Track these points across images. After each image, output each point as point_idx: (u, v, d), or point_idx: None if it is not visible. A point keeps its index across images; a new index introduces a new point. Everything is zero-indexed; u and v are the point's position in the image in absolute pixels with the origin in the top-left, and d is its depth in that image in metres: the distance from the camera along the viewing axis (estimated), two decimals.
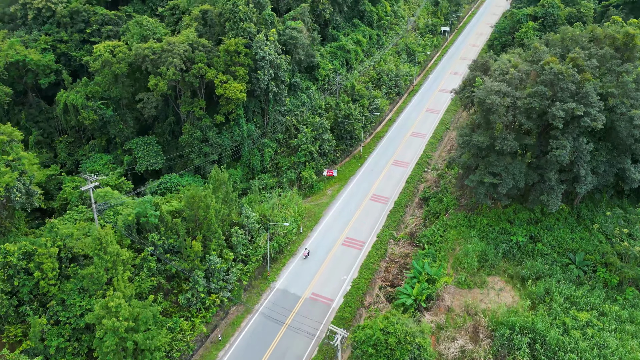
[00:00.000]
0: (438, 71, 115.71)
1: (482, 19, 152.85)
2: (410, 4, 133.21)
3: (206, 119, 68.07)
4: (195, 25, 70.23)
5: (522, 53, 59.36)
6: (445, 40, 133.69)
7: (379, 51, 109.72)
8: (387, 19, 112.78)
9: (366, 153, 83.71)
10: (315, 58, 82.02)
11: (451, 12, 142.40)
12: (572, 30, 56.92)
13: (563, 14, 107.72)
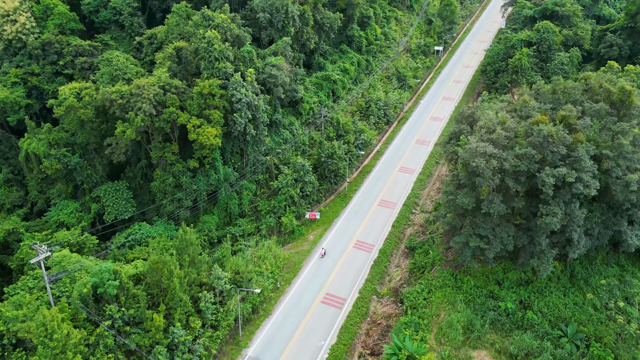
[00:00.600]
0: (430, 96, 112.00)
1: (476, 36, 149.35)
2: (402, 24, 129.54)
3: (179, 164, 64.33)
4: (169, 64, 66.48)
5: (511, 102, 55.57)
6: (439, 60, 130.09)
7: (369, 77, 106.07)
8: (377, 43, 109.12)
9: (352, 191, 80.00)
10: (299, 93, 78.32)
11: (445, 30, 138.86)
12: (565, 82, 53.13)
13: (559, 39, 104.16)
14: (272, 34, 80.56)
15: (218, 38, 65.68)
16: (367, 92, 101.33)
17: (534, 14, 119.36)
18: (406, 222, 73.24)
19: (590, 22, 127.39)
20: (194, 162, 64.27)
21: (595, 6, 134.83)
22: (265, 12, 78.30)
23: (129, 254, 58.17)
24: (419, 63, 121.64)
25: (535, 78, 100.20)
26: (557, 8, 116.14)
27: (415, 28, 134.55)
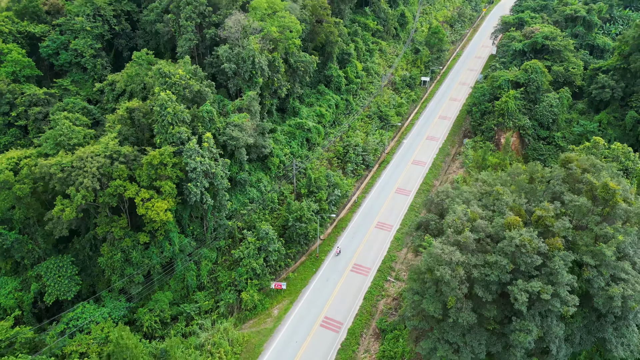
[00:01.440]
0: (414, 135, 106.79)
1: (466, 64, 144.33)
2: (387, 56, 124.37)
3: (128, 239, 59.08)
4: (119, 128, 61.26)
5: (485, 182, 50.25)
6: (425, 92, 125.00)
7: (349, 117, 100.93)
8: (357, 81, 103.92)
9: (324, 251, 74.73)
10: (267, 148, 73.11)
11: (432, 60, 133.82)
12: (543, 170, 47.88)
13: (548, 80, 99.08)
14: (239, 83, 75.42)
15: (173, 99, 60.49)
16: (345, 136, 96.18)
17: (523, 48, 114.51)
18: (379, 293, 67.94)
19: (583, 52, 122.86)
20: (144, 236, 59.04)
21: (589, 35, 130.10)
22: (231, 62, 73.14)
23: (67, 346, 52.90)
24: (404, 97, 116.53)
25: (523, 120, 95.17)
26: (547, 42, 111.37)
27: (401, 58, 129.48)
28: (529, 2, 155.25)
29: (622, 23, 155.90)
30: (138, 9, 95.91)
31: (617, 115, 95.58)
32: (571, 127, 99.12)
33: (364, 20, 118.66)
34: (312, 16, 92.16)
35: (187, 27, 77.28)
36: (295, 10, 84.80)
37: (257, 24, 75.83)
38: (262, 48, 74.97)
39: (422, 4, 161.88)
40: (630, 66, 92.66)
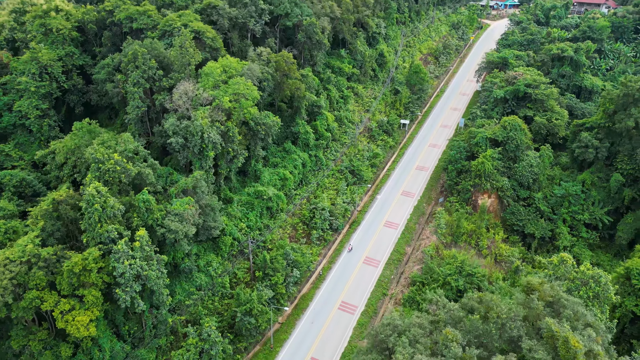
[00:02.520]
0: (388, 189, 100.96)
1: (450, 101, 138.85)
2: (364, 99, 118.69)
3: (49, 352, 53.12)
4: (42, 225, 55.40)
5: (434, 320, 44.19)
6: (404, 136, 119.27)
7: (318, 174, 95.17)
8: (328, 135, 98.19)
9: (280, 340, 68.78)
10: (217, 229, 67.20)
11: (413, 100, 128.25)
12: (497, 309, 41.98)
13: (528, 137, 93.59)
14: (189, 156, 69.66)
15: (103, 192, 54.61)
16: (313, 196, 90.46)
17: (505, 95, 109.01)
18: None
19: (569, 96, 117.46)
20: (67, 348, 53.09)
21: (576, 75, 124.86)
22: (179, 135, 67.43)
23: None
24: (380, 145, 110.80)
25: (502, 182, 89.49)
26: (529, 91, 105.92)
27: (380, 100, 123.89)
28: (516, 35, 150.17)
29: (613, 57, 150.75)
30: (93, 62, 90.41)
31: (602, 176, 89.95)
32: (553, 185, 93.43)
33: (338, 64, 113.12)
34: (276, 72, 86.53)
35: (134, 94, 71.60)
36: (255, 71, 79.10)
37: (209, 93, 70.12)
38: (214, 120, 69.22)
39: (406, 35, 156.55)
40: (615, 125, 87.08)
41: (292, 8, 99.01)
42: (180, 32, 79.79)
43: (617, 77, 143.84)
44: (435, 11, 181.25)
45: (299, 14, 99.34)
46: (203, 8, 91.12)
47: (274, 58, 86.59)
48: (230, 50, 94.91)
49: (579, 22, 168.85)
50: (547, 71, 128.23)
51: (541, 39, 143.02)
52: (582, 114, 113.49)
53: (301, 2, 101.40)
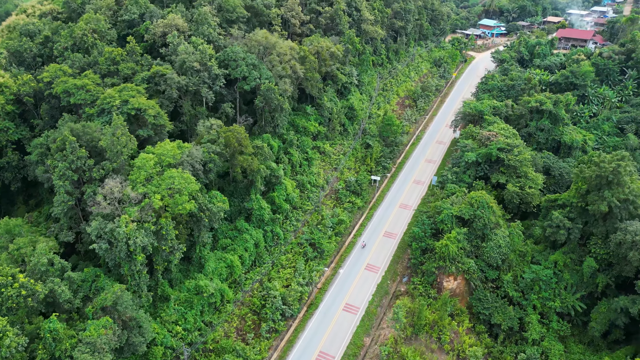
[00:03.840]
0: (353, 261, 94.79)
1: (426, 151, 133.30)
2: (332, 158, 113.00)
3: None
4: None
5: None
6: (374, 195, 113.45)
7: (274, 251, 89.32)
8: (286, 207, 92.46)
9: None
10: (144, 344, 61.22)
11: (385, 154, 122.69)
12: None
13: (497, 215, 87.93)
14: (116, 258, 63.77)
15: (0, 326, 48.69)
16: (266, 279, 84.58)
17: (477, 159, 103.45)
18: None
19: (546, 154, 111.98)
20: None
21: (556, 129, 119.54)
22: (103, 240, 61.62)
23: None
24: (347, 208, 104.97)
25: (468, 264, 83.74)
26: (502, 155, 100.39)
27: (350, 156, 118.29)
28: (496, 79, 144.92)
29: (597, 102, 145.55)
30: (31, 134, 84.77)
31: (575, 258, 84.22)
32: (524, 263, 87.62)
33: (304, 123, 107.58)
34: (226, 148, 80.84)
35: (60, 188, 65.85)
36: (197, 155, 73.41)
37: (138, 191, 64.32)
38: (143, 220, 63.43)
39: (383, 77, 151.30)
40: (588, 206, 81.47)
41: (250, 71, 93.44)
42: (119, 110, 74.44)
43: (601, 124, 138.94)
44: (417, 47, 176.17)
45: (257, 77, 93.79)
46: (151, 76, 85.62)
47: (223, 133, 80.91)
48: (181, 120, 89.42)
49: (564, 62, 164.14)
50: (525, 124, 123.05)
51: (521, 85, 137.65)
52: (559, 174, 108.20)
53: (260, 64, 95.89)
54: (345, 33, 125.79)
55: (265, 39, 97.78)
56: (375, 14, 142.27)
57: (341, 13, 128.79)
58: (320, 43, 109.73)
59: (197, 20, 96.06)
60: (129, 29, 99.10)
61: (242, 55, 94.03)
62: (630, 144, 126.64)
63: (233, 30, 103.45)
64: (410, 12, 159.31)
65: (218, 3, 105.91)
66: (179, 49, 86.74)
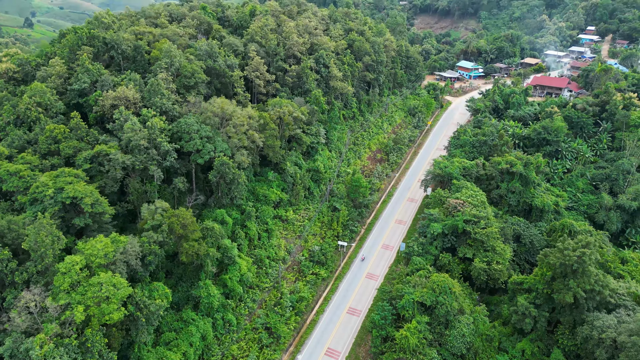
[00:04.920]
0: (312, 346, 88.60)
1: (396, 210, 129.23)
2: (295, 226, 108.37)
3: None
4: None
5: None
6: (340, 262, 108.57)
7: (225, 339, 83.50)
8: (239, 291, 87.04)
9: None
10: None
11: (353, 217, 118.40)
12: None
13: (460, 302, 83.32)
14: None
15: None
16: None
17: (443, 230, 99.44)
18: None
19: (516, 221, 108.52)
20: None
21: (527, 192, 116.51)
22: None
23: None
24: (310, 281, 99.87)
25: (430, 355, 78.58)
26: (468, 228, 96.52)
27: (315, 221, 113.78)
28: (468, 135, 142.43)
29: (571, 157, 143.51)
30: None
31: (542, 347, 79.56)
32: (491, 349, 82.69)
33: (264, 191, 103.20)
34: (170, 236, 75.95)
35: None
36: (134, 249, 68.38)
37: (60, 302, 58.95)
38: (64, 336, 57.86)
39: (355, 131, 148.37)
40: (553, 294, 77.27)
41: (204, 144, 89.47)
42: (53, 200, 69.55)
43: (575, 181, 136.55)
44: (391, 96, 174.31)
45: (212, 150, 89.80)
46: (94, 155, 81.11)
47: (167, 219, 76.10)
48: (127, 199, 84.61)
49: (538, 112, 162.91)
50: (496, 185, 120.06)
51: (494, 140, 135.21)
52: (530, 242, 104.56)
53: (216, 135, 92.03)
54: (312, 92, 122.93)
55: (222, 109, 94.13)
56: (344, 69, 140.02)
57: (308, 71, 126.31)
58: (283, 108, 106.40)
59: (149, 90, 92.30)
60: (80, 98, 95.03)
61: (195, 128, 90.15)
62: (604, 203, 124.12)
63: (190, 97, 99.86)
64: (383, 64, 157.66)
65: (176, 68, 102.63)
66: (125, 126, 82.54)
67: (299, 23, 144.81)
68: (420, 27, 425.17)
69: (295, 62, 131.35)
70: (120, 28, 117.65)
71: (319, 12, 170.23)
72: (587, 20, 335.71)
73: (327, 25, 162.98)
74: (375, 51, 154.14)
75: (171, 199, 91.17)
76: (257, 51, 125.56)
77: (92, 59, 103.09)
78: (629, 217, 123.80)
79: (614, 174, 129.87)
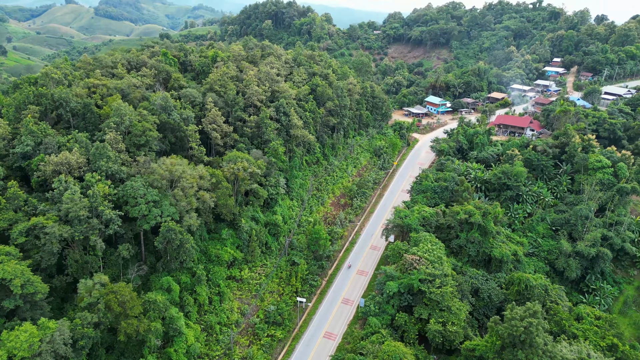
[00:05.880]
0: None
1: (359, 258, 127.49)
2: (250, 285, 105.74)
3: None
4: None
5: None
6: (298, 322, 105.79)
7: None
8: None
9: None
10: None
11: (313, 270, 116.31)
12: None
13: None
14: None
15: None
16: None
17: (399, 289, 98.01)
18: None
19: (474, 273, 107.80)
20: None
21: (486, 242, 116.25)
22: None
23: None
24: (266, 344, 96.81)
25: None
26: (423, 288, 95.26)
27: (273, 276, 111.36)
28: (429, 180, 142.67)
29: (532, 201, 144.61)
30: None
31: None
32: None
33: (217, 251, 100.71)
34: (107, 314, 72.77)
35: None
36: (62, 338, 65.01)
37: None
38: None
39: (318, 175, 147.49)
40: None
41: (150, 209, 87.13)
42: None
43: (536, 226, 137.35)
44: (356, 137, 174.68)
45: (158, 215, 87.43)
46: (30, 228, 77.93)
47: (104, 296, 73.02)
48: (64, 272, 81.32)
49: (501, 152, 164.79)
50: (456, 235, 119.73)
51: (454, 186, 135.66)
52: (488, 296, 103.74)
53: (164, 199, 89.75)
54: (271, 142, 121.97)
55: (170, 171, 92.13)
56: (306, 116, 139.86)
57: (267, 121, 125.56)
58: (237, 164, 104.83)
59: (94, 154, 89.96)
60: (23, 161, 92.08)
61: (141, 192, 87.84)
62: (563, 250, 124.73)
63: (140, 157, 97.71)
64: (346, 107, 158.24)
65: (126, 126, 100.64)
66: (64, 196, 79.79)
67: (262, 69, 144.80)
68: (394, 56, 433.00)
69: (255, 111, 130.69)
70: (73, 82, 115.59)
71: (284, 56, 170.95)
72: (554, 52, 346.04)
73: (291, 69, 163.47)
74: (339, 96, 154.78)
75: (117, 266, 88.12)
76: (215, 102, 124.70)
77: (40, 117, 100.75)
78: (589, 264, 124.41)
79: (573, 219, 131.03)
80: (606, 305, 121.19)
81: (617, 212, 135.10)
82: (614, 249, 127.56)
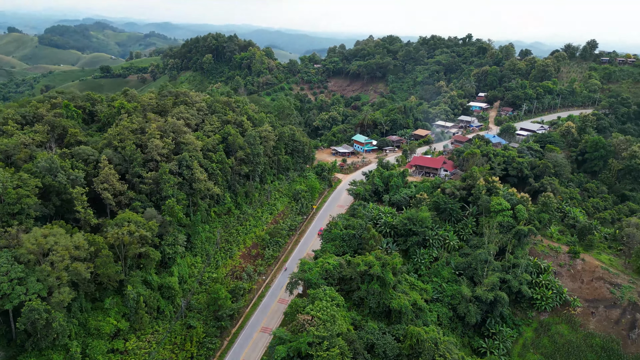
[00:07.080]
0: None
1: (265, 314, 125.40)
2: (139, 354, 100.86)
3: None
4: None
5: None
6: None
7: None
8: None
9: None
10: None
11: (211, 334, 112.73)
12: None
13: None
14: None
15: None
16: None
17: (288, 353, 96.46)
18: None
19: (370, 329, 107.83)
20: None
21: (385, 293, 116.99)
22: None
23: None
24: None
25: None
26: (311, 351, 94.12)
27: (165, 343, 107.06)
28: (339, 228, 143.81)
29: (438, 245, 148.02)
30: None
31: None
32: None
33: (98, 324, 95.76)
34: None
35: None
36: None
37: None
38: None
39: (229, 227, 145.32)
40: None
41: (14, 287, 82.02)
42: None
43: (441, 270, 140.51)
44: (275, 182, 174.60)
45: (23, 293, 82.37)
46: None
47: None
48: None
49: (414, 194, 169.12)
50: (357, 286, 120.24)
51: (362, 233, 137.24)
52: (383, 352, 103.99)
53: (31, 275, 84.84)
54: (167, 200, 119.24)
55: (39, 245, 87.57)
56: (212, 168, 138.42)
57: (166, 176, 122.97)
58: (123, 229, 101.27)
59: None
60: None
61: (4, 269, 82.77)
62: (464, 295, 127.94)
63: (12, 228, 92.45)
64: (259, 156, 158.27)
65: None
66: None
67: (169, 120, 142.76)
68: (334, 90, 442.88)
69: (156, 166, 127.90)
70: None
71: (198, 103, 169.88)
72: (479, 87, 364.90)
73: (204, 117, 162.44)
74: (250, 144, 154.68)
75: None
76: (111, 158, 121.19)
77: None
78: (488, 307, 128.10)
79: (474, 263, 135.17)
80: (505, 349, 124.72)
81: (515, 254, 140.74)
82: (512, 291, 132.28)
